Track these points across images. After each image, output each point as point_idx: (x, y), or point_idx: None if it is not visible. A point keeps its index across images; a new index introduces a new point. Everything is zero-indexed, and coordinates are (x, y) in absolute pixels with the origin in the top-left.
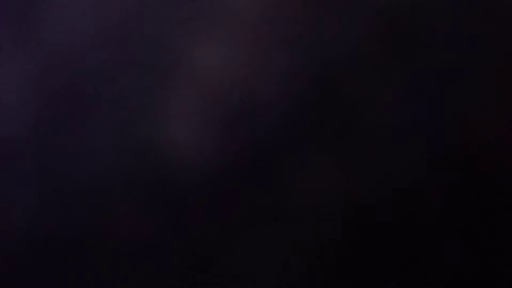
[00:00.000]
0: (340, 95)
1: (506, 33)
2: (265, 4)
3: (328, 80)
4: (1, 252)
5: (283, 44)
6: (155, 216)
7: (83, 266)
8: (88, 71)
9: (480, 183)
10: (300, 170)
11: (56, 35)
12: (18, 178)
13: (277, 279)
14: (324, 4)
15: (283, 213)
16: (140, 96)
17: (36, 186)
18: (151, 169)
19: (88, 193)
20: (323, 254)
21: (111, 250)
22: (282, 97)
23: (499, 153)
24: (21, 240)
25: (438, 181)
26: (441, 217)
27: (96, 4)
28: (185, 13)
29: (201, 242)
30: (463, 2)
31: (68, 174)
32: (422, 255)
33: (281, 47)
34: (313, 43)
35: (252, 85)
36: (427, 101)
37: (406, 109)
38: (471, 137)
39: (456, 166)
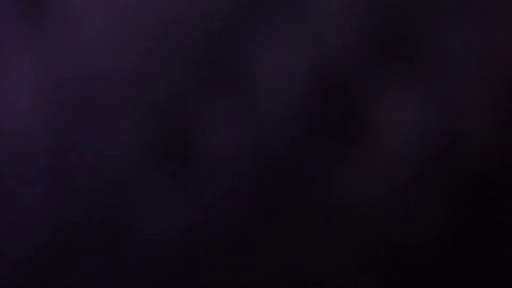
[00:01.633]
0: (342, 96)
1: (506, 33)
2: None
3: (326, 81)
4: (16, 248)
5: (281, 47)
6: (173, 214)
7: (98, 262)
8: (101, 70)
9: (479, 183)
10: (300, 169)
11: (71, 36)
12: (33, 175)
13: (276, 279)
14: (324, 4)
15: (285, 213)
16: (153, 95)
17: (50, 183)
18: (165, 168)
19: (102, 192)
20: (336, 249)
21: (125, 247)
22: (281, 98)
23: (498, 152)
24: (34, 236)
25: (437, 181)
26: (439, 216)
27: (108, 5)
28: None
29: (216, 241)
30: (462, 2)
31: (81, 171)
32: (427, 256)
33: (280, 50)
34: (311, 44)
35: (252, 88)
36: (427, 101)
37: (406, 110)
38: (470, 137)
39: (455, 166)
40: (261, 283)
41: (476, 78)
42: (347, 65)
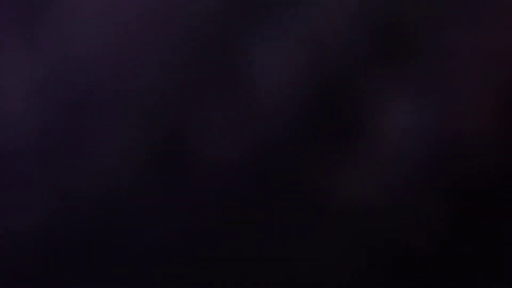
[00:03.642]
0: (339, 96)
1: (505, 32)
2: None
3: (325, 82)
4: (13, 253)
5: (279, 47)
6: (165, 218)
7: (95, 267)
8: (96, 73)
9: (479, 183)
10: (300, 170)
11: (65, 37)
12: (27, 182)
13: (284, 279)
14: (323, 5)
15: (286, 215)
16: (149, 98)
17: (45, 188)
18: (161, 171)
19: (98, 195)
20: (329, 256)
21: (120, 251)
22: (283, 99)
23: (497, 152)
24: (30, 242)
25: (437, 182)
26: (439, 216)
27: (105, 7)
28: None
29: (209, 242)
30: (461, 3)
31: (77, 176)
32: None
33: (278, 51)
34: (312, 44)
35: (252, 90)
36: (427, 102)
37: (405, 110)
38: (469, 137)
39: (455, 166)
40: (260, 284)
41: (475, 78)
42: (345, 65)
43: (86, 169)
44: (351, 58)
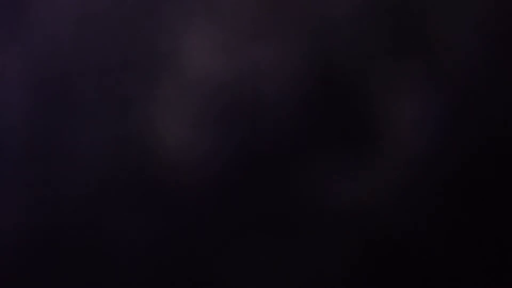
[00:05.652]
0: (341, 93)
1: (507, 34)
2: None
3: (328, 78)
4: None
5: (281, 41)
6: (148, 219)
7: (76, 267)
8: (79, 70)
9: (481, 181)
10: (300, 172)
11: (46, 32)
12: (8, 180)
13: (274, 284)
14: (328, 3)
15: (284, 217)
16: (133, 96)
17: (26, 187)
18: (144, 171)
19: (80, 194)
20: (324, 256)
21: (103, 252)
22: (280, 96)
23: (501, 149)
24: (13, 242)
25: (440, 181)
26: (445, 216)
27: (87, 2)
28: (177, 9)
29: (194, 244)
30: (465, 3)
31: (59, 175)
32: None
33: (279, 45)
34: (313, 39)
35: (249, 85)
36: (428, 101)
37: (411, 110)
38: (471, 136)
39: (458, 165)
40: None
41: (484, 76)
42: (352, 64)
43: (69, 166)
44: (360, 58)
